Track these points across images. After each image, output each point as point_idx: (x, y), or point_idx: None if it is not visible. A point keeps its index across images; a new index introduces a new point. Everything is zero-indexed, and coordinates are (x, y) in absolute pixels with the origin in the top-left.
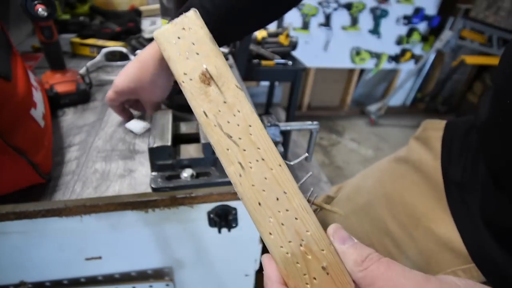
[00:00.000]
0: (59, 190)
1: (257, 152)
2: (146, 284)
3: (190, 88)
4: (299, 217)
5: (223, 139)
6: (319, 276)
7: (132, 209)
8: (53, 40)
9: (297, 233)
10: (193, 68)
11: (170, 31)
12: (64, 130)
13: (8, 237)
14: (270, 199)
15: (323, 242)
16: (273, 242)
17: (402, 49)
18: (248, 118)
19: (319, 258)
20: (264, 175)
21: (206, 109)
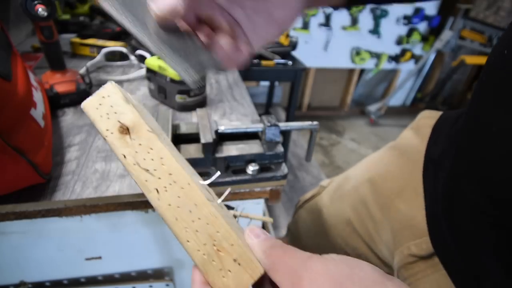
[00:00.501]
0: (59, 190)
1: (169, 177)
2: (146, 284)
3: (112, 140)
4: (210, 222)
5: (141, 173)
6: (233, 268)
7: (132, 209)
8: (53, 40)
9: (209, 236)
10: (113, 125)
11: (93, 100)
12: (64, 130)
13: (8, 237)
14: (184, 213)
15: (232, 239)
16: (191, 247)
17: (402, 49)
18: (160, 152)
19: (230, 253)
20: (177, 195)
21: (125, 153)
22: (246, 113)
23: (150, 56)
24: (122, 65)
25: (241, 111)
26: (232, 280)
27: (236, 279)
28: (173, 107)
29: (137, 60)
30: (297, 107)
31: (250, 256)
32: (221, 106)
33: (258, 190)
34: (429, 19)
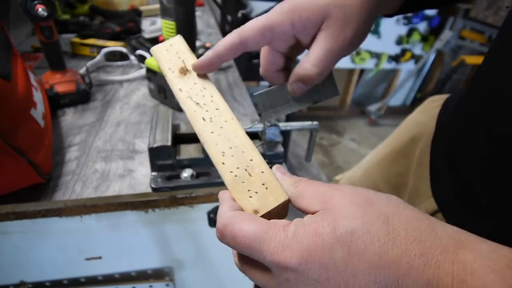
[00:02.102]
0: (59, 190)
1: (216, 111)
2: (146, 284)
3: (172, 77)
4: (246, 150)
5: (192, 104)
6: (260, 190)
7: (132, 209)
8: (53, 40)
9: (243, 161)
10: (175, 65)
11: (163, 45)
12: (64, 130)
13: (8, 237)
14: (224, 140)
15: (263, 167)
16: (225, 168)
17: (402, 49)
18: (211, 92)
19: (260, 177)
20: (220, 125)
21: (181, 86)
22: (246, 113)
23: (150, 56)
24: (122, 65)
25: (241, 111)
26: (257, 200)
27: (262, 200)
28: (173, 107)
29: (137, 60)
30: None
31: (277, 183)
32: None
33: None
34: (429, 19)
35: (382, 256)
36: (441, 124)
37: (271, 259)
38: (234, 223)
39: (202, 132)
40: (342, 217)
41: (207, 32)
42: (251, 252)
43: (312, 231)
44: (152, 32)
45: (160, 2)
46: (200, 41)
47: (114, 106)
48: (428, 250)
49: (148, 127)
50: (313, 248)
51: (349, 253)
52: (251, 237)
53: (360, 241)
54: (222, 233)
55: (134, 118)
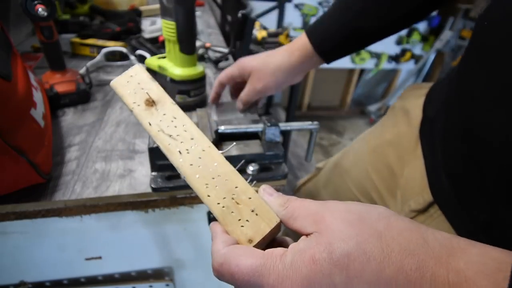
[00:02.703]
0: (59, 190)
1: (191, 141)
2: (146, 284)
3: (139, 111)
4: (229, 178)
5: (166, 138)
6: (250, 218)
7: (132, 209)
8: (53, 40)
9: (228, 190)
10: (140, 98)
11: (122, 78)
12: (64, 130)
13: (8, 237)
14: (205, 171)
15: (250, 192)
16: (211, 201)
17: (402, 49)
18: (183, 121)
19: (248, 204)
20: (198, 156)
21: (150, 121)
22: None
23: (150, 56)
24: (122, 65)
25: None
26: (250, 228)
27: (254, 228)
28: None
29: (137, 60)
30: (297, 107)
31: (266, 207)
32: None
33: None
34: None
35: (379, 275)
36: (428, 118)
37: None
38: (230, 261)
39: (180, 166)
40: (337, 240)
41: (207, 32)
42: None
43: (309, 258)
44: (152, 32)
45: (160, 2)
46: (200, 41)
47: (114, 106)
48: (422, 263)
49: None
50: (312, 275)
51: (347, 276)
52: (249, 273)
53: (357, 262)
54: (219, 272)
55: (134, 118)
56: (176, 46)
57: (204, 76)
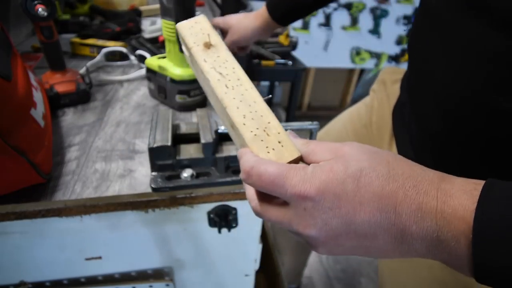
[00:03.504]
0: (59, 190)
1: (237, 81)
2: (146, 284)
3: (197, 50)
4: (264, 115)
5: (215, 74)
6: (276, 147)
7: (132, 209)
8: (53, 40)
9: (262, 124)
10: (200, 40)
11: (188, 22)
12: (64, 130)
13: (8, 237)
14: (245, 105)
15: (279, 129)
16: (245, 128)
17: (402, 49)
18: (233, 64)
19: (276, 137)
20: (241, 93)
21: (205, 57)
22: None
23: (150, 56)
24: (122, 65)
25: None
26: (274, 155)
27: (278, 155)
28: (173, 107)
29: (137, 60)
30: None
31: (291, 143)
32: None
33: None
34: None
35: (384, 188)
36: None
37: (292, 191)
38: (260, 165)
39: (225, 98)
40: (353, 160)
41: None
42: (274, 188)
43: (328, 169)
44: (152, 32)
45: (160, 2)
46: None
47: (114, 106)
48: (419, 183)
49: (148, 127)
50: (329, 181)
51: (357, 186)
52: (275, 174)
53: (368, 177)
54: (249, 173)
55: (134, 118)
56: (176, 46)
57: None
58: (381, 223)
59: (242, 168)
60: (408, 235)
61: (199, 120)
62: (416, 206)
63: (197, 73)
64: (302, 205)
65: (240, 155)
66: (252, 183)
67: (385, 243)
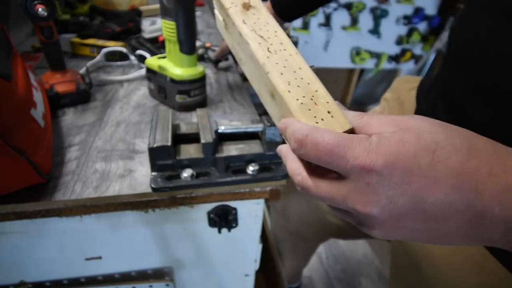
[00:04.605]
0: (59, 190)
1: (280, 45)
2: (146, 284)
3: (235, 10)
4: (311, 82)
5: (256, 37)
6: (326, 118)
7: (132, 209)
8: (53, 40)
9: (309, 92)
10: (238, 1)
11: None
12: (64, 130)
13: (8, 237)
14: (289, 72)
15: (328, 98)
16: (291, 96)
17: (402, 49)
18: (274, 27)
19: (325, 107)
20: (285, 58)
21: (245, 19)
22: (246, 113)
23: (150, 56)
24: (122, 65)
25: (241, 111)
26: (323, 126)
27: (328, 126)
28: (173, 107)
29: (137, 60)
30: None
31: (342, 113)
32: (221, 106)
33: (258, 190)
34: (429, 19)
35: (463, 164)
36: (421, 110)
37: (354, 163)
38: (316, 133)
39: (267, 63)
40: (425, 132)
41: (207, 32)
42: (332, 158)
43: (397, 140)
44: (152, 32)
45: (160, 2)
46: (200, 41)
47: (114, 106)
48: (506, 160)
49: (148, 127)
50: (399, 153)
51: (433, 160)
52: (334, 143)
53: (445, 150)
54: (302, 142)
55: (134, 118)
56: (176, 46)
57: (204, 76)
58: (457, 203)
59: (292, 137)
60: (487, 219)
61: (199, 120)
62: (503, 185)
63: (232, 39)
64: (365, 179)
65: (287, 124)
66: (305, 153)
67: (457, 226)
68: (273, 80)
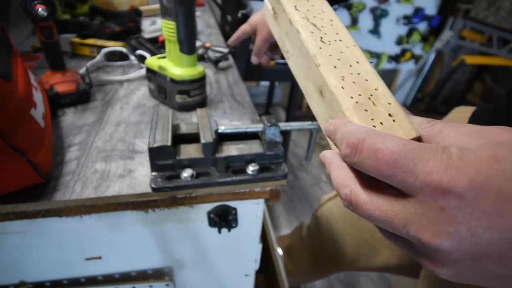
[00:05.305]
0: (59, 190)
1: (335, 36)
2: (146, 284)
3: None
4: (369, 79)
5: (308, 25)
6: (386, 121)
7: (132, 209)
8: (53, 40)
9: (366, 89)
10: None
11: None
12: (64, 130)
13: (8, 237)
14: (344, 65)
15: (391, 98)
16: (344, 93)
17: (402, 49)
18: (330, 16)
19: (386, 108)
20: (340, 50)
21: (297, 5)
22: (246, 113)
23: (150, 56)
24: (122, 65)
25: (241, 111)
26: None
27: (388, 132)
28: (173, 107)
29: (137, 60)
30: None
31: (406, 117)
32: (221, 106)
33: (258, 190)
34: (429, 19)
35: None
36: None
37: (426, 180)
38: (376, 138)
39: (318, 53)
40: None
41: (207, 32)
42: (396, 171)
43: (488, 155)
44: (152, 32)
45: (160, 2)
46: (200, 41)
47: (114, 106)
48: None
49: (148, 127)
50: (490, 173)
51: None
52: (401, 152)
53: None
54: (357, 148)
55: (134, 118)
56: (176, 46)
57: (204, 76)
58: None
59: (344, 140)
60: None
61: (199, 120)
62: None
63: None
64: (439, 202)
65: (336, 125)
66: (359, 161)
67: None
68: (324, 74)
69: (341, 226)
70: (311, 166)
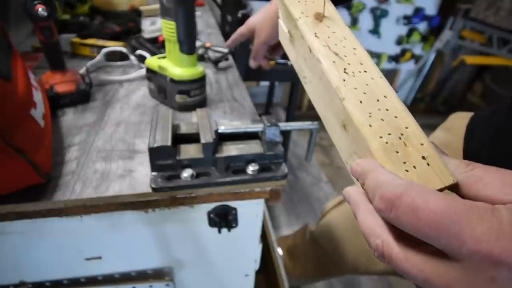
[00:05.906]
0: (59, 190)
1: (359, 66)
2: (146, 284)
3: (305, 21)
4: (399, 116)
5: (330, 54)
6: (419, 165)
7: (132, 209)
8: (53, 40)
9: (396, 128)
10: (310, 10)
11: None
12: (64, 130)
13: (8, 237)
14: (370, 100)
15: (423, 138)
16: (372, 132)
17: (402, 49)
18: (353, 44)
19: (419, 150)
20: (365, 82)
21: (317, 32)
22: (246, 113)
23: (150, 56)
24: (122, 65)
25: (241, 111)
26: (417, 177)
27: (423, 178)
28: (173, 107)
29: (137, 60)
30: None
31: (441, 161)
32: (221, 106)
33: (258, 190)
34: (429, 19)
35: None
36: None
37: (474, 248)
38: (415, 194)
39: (342, 86)
40: None
41: (207, 32)
42: (439, 233)
43: None
44: (152, 32)
45: (160, 2)
46: (200, 41)
47: (114, 106)
48: None
49: (148, 127)
50: None
51: None
52: (444, 213)
53: None
54: (394, 204)
55: (134, 118)
56: (176, 46)
57: (204, 76)
58: None
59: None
60: None
61: (199, 120)
62: None
63: (297, 53)
64: (489, 272)
65: (366, 168)
66: (396, 217)
67: None
68: (349, 109)
69: (346, 234)
70: (311, 166)
